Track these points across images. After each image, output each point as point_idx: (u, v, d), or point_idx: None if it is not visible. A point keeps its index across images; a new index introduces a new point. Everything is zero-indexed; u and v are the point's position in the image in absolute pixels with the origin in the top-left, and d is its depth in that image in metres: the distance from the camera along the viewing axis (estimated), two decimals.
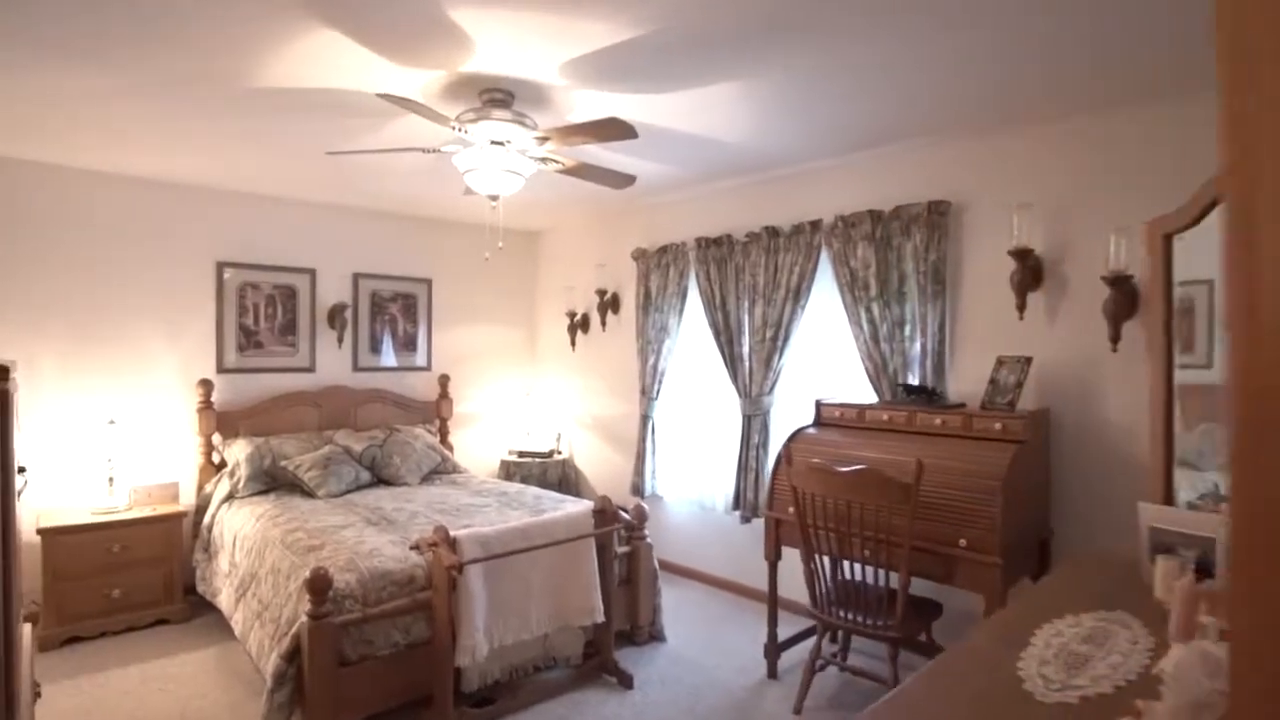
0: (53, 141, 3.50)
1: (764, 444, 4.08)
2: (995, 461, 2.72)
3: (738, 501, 4.18)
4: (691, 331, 4.63)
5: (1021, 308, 3.10)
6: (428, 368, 5.38)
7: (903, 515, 2.61)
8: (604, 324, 5.22)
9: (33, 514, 3.82)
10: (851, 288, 3.64)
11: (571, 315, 5.46)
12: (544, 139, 2.69)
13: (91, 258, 4.04)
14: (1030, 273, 3.08)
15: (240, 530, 3.61)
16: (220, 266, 4.47)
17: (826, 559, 2.90)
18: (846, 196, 3.76)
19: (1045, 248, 3.10)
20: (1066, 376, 3.05)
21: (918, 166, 3.51)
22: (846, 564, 2.88)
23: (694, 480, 4.62)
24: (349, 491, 4.16)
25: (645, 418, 4.77)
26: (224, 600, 3.59)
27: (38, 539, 3.59)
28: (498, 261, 5.76)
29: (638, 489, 4.80)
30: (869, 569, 2.80)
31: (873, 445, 3.15)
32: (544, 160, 2.93)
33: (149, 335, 4.23)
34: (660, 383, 4.72)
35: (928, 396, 3.24)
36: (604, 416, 5.37)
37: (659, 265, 4.72)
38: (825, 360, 3.96)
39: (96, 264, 4.06)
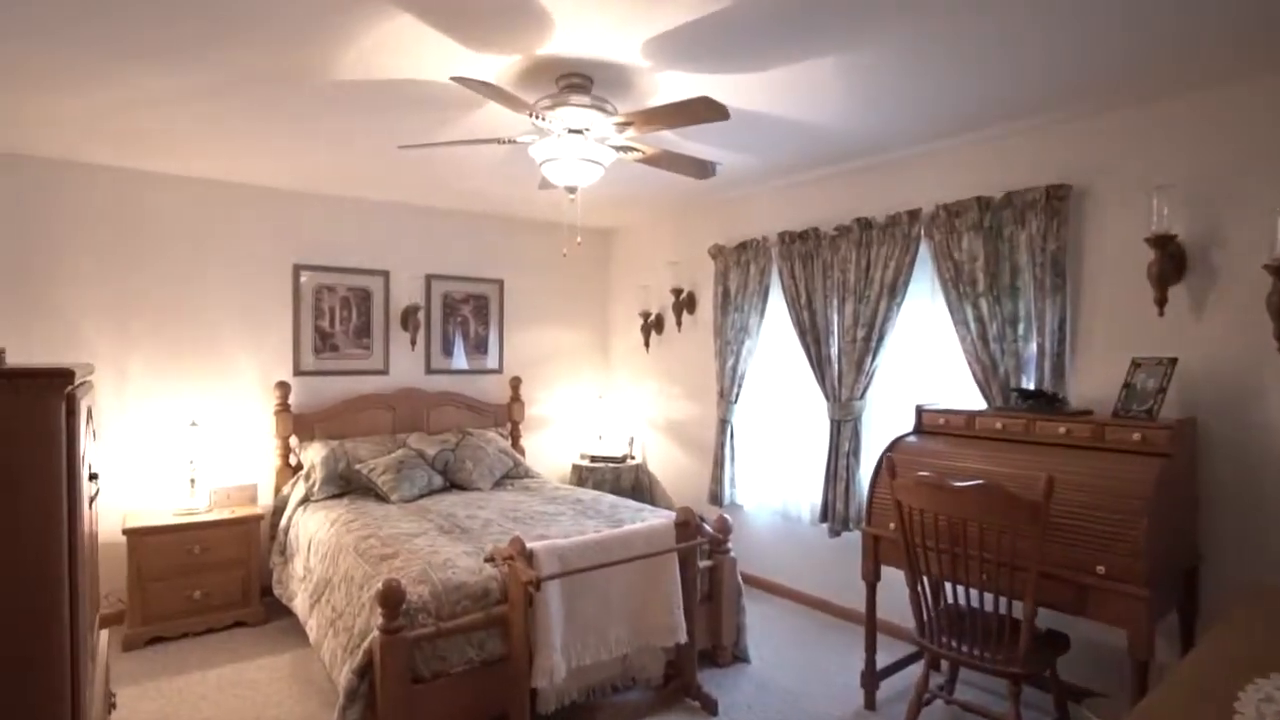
0: (133, 146, 3.53)
1: (855, 452, 3.79)
2: (1138, 478, 2.38)
3: (826, 513, 3.90)
4: (774, 332, 4.37)
5: (1161, 302, 2.73)
6: (499, 370, 5.29)
7: (1029, 537, 2.31)
8: (679, 324, 5.01)
9: (119, 514, 3.88)
10: (955, 283, 3.33)
11: (645, 315, 5.28)
12: (625, 124, 2.51)
13: (175, 263, 4.09)
14: (1171, 262, 2.71)
15: (315, 535, 3.56)
16: (297, 269, 4.47)
17: (935, 582, 2.62)
18: (950, 183, 3.44)
19: (1189, 234, 2.72)
20: (1218, 381, 2.67)
21: (1033, 147, 3.17)
22: (958, 588, 2.59)
23: (776, 489, 4.36)
24: (422, 496, 4.08)
25: (724, 422, 4.53)
26: (299, 605, 3.55)
27: (123, 539, 3.63)
28: (569, 261, 5.63)
29: (716, 497, 4.57)
30: (984, 594, 2.50)
31: (984, 456, 2.84)
32: (624, 149, 2.75)
33: (229, 338, 4.25)
34: (740, 385, 4.48)
35: (1047, 402, 2.90)
36: (679, 420, 5.16)
37: (738, 262, 4.49)
38: (922, 362, 3.64)
39: (180, 269, 4.10)
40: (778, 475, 4.35)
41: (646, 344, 5.32)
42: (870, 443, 3.81)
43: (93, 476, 1.91)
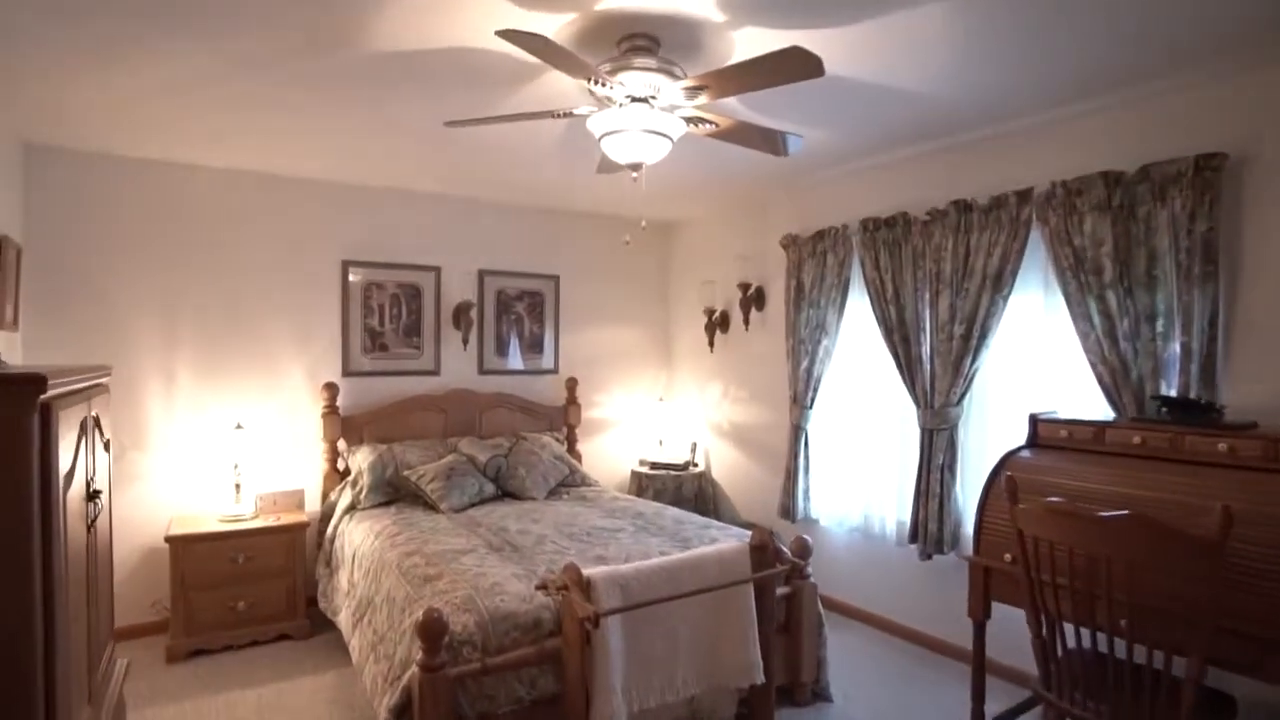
0: (170, 136, 3.36)
1: (950, 465, 3.36)
2: None
3: (915, 533, 3.48)
4: (855, 329, 3.96)
5: None
6: (554, 371, 5.01)
7: (1199, 581, 1.87)
8: (747, 322, 4.64)
9: (165, 519, 3.74)
10: (1075, 272, 2.87)
11: (710, 313, 4.92)
12: (697, 89, 2.16)
13: (219, 259, 3.94)
14: None
15: (359, 547, 3.34)
16: (345, 265, 4.28)
17: (1061, 624, 2.20)
18: (1068, 157, 2.98)
19: None
20: None
21: (1177, 111, 2.70)
22: (1096, 634, 2.16)
23: (857, 504, 3.95)
24: (472, 505, 3.83)
25: (797, 429, 4.14)
26: (343, 621, 3.32)
27: (166, 547, 3.48)
28: (628, 256, 5.32)
29: (788, 511, 4.18)
30: (1129, 644, 2.07)
31: (1119, 477, 2.40)
32: (694, 120, 2.41)
33: (276, 337, 4.08)
34: (816, 389, 4.08)
35: (1198, 412, 2.44)
36: (745, 425, 4.79)
37: (814, 253, 4.09)
38: (1031, 364, 3.19)
39: (224, 266, 3.95)
40: (858, 489, 3.94)
41: (711, 343, 4.96)
42: (969, 455, 3.37)
43: (93, 494, 1.68)
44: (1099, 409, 2.85)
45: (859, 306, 3.91)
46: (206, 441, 3.83)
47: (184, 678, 3.31)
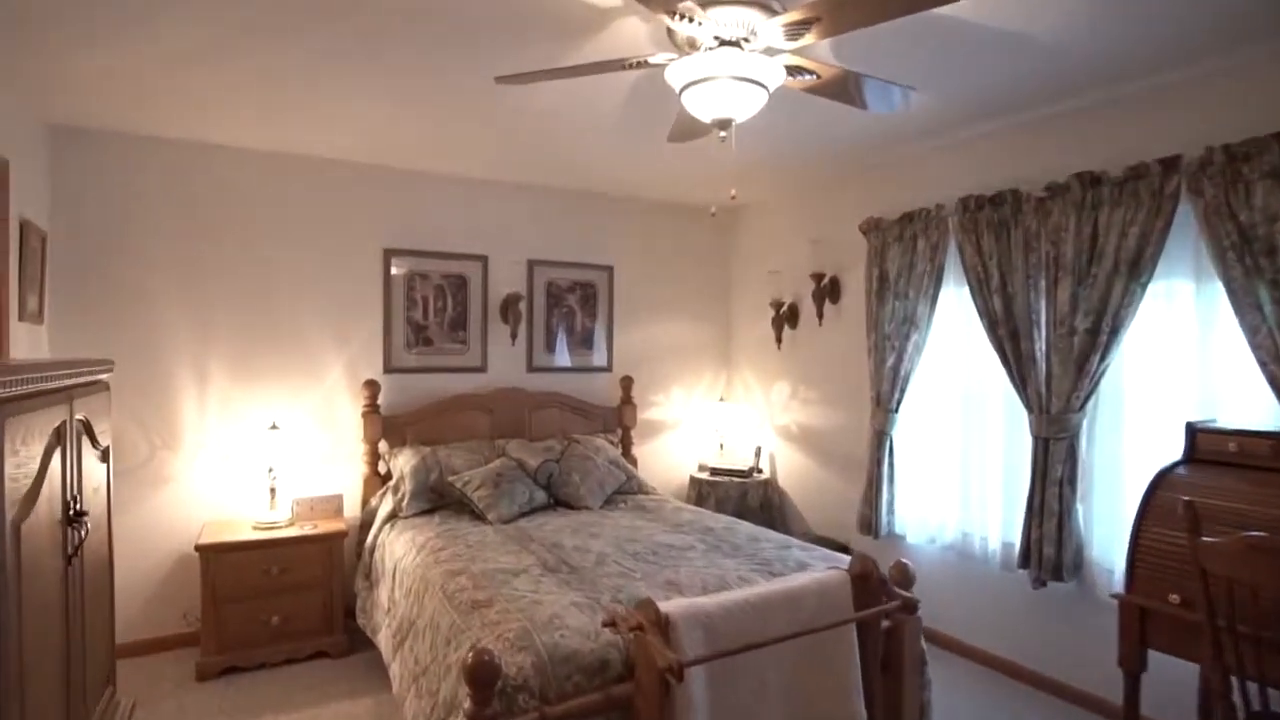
0: (195, 112, 3.09)
1: (1070, 479, 2.90)
2: None
3: (1027, 557, 3.02)
4: (950, 323, 3.52)
5: None
6: (608, 368, 4.66)
7: None
8: (820, 315, 4.22)
9: (196, 526, 3.50)
10: (1241, 253, 2.39)
11: (778, 306, 4.51)
12: (803, 24, 1.77)
13: (252, 247, 3.68)
14: None
15: (400, 561, 3.03)
16: (387, 254, 3.99)
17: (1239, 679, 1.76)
18: (1230, 115, 2.50)
19: None
20: None
21: None
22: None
23: (951, 519, 3.51)
24: (522, 515, 3.49)
25: (881, 434, 3.71)
26: (383, 641, 3.02)
27: (196, 556, 3.23)
28: (688, 246, 4.94)
29: (869, 524, 3.76)
30: None
31: None
32: (793, 71, 2.02)
33: (313, 331, 3.81)
34: (903, 390, 3.64)
35: None
36: (817, 429, 4.37)
37: (901, 238, 3.65)
38: (1175, 363, 2.72)
39: (258, 254, 3.69)
40: (953, 503, 3.49)
41: (778, 339, 4.55)
42: (1095, 469, 2.92)
43: (76, 517, 1.37)
44: (1270, 417, 2.37)
45: (955, 298, 3.47)
46: (240, 442, 3.58)
47: (214, 698, 3.05)
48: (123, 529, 3.41)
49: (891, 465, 3.72)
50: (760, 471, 4.66)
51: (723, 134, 1.99)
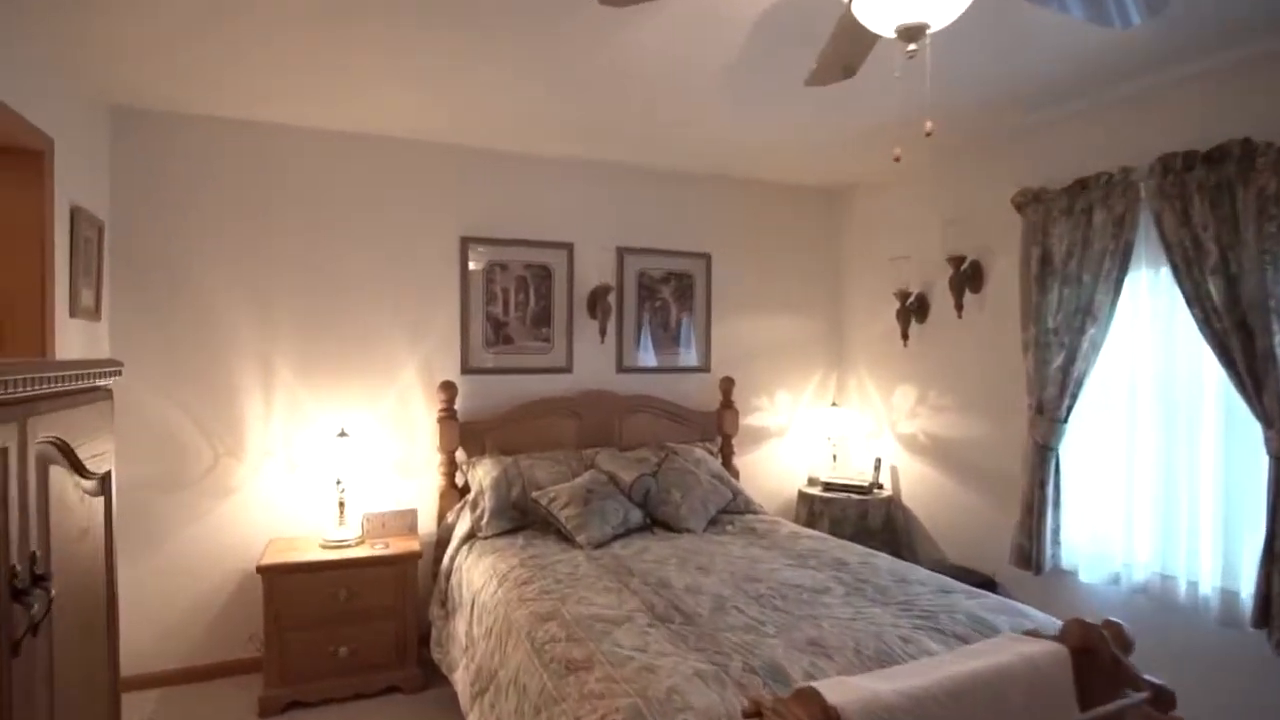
0: (258, 89, 2.76)
1: None
2: None
3: (1266, 612, 2.35)
4: (1139, 314, 2.86)
5: None
6: (705, 368, 4.16)
7: None
8: (959, 306, 3.59)
9: (261, 542, 3.20)
10: None
11: (903, 297, 3.90)
12: None
13: (318, 236, 3.36)
14: None
15: (480, 592, 2.61)
16: (464, 243, 3.60)
17: None
18: None
19: None
20: None
21: None
22: None
23: (1141, 555, 2.84)
24: (616, 537, 3.04)
25: (1044, 449, 3.07)
26: (460, 683, 2.62)
27: (258, 578, 2.91)
28: (792, 230, 4.39)
29: (1028, 557, 3.12)
30: None
31: None
32: None
33: (384, 327, 3.46)
34: (1075, 396, 2.99)
35: None
36: (952, 440, 3.74)
37: (1070, 210, 3.00)
38: None
39: (324, 244, 3.36)
40: (1147, 535, 2.82)
41: (904, 334, 3.93)
42: None
43: (32, 585, 0.96)
44: None
45: (1148, 281, 2.81)
46: (308, 450, 3.26)
47: None
48: (186, 544, 3.16)
49: (1058, 486, 3.07)
50: (881, 487, 4.06)
51: (911, 47, 1.45)
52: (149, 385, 3.10)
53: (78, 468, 1.14)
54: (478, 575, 2.74)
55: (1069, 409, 3.01)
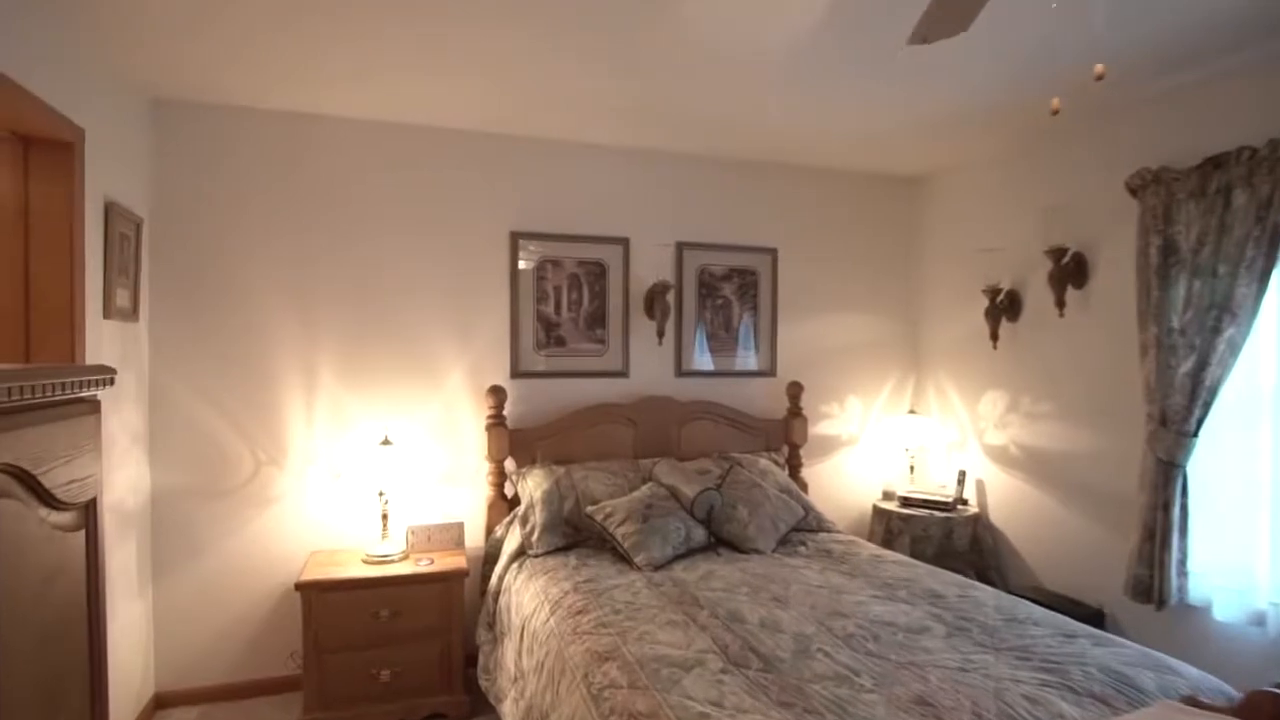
0: (301, 76, 2.58)
1: None
2: None
3: None
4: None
5: None
6: (771, 372, 3.85)
7: None
8: (1061, 304, 3.20)
9: (302, 555, 3.03)
10: None
11: (993, 293, 3.53)
12: None
13: (359, 232, 3.18)
14: None
15: (530, 619, 2.38)
16: (515, 238, 3.38)
17: None
18: None
19: None
20: None
21: None
22: None
23: None
24: (678, 557, 2.77)
25: (1169, 465, 2.68)
26: (508, 716, 2.38)
27: (297, 595, 2.73)
28: (865, 222, 4.05)
29: (1148, 589, 2.73)
30: None
31: None
32: None
33: (430, 328, 3.27)
34: (1207, 405, 2.60)
35: None
36: (1050, 452, 3.35)
37: (1201, 193, 2.61)
38: None
39: (365, 240, 3.19)
40: None
41: (994, 335, 3.56)
42: None
43: None
44: None
45: None
46: (350, 458, 3.08)
47: None
48: (226, 556, 3.01)
49: (1185, 509, 2.68)
50: (965, 503, 3.69)
51: None
52: (190, 389, 2.97)
53: (44, 498, 0.93)
54: (528, 599, 2.50)
55: (1200, 421, 2.62)
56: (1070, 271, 3.18)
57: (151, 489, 2.92)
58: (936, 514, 3.54)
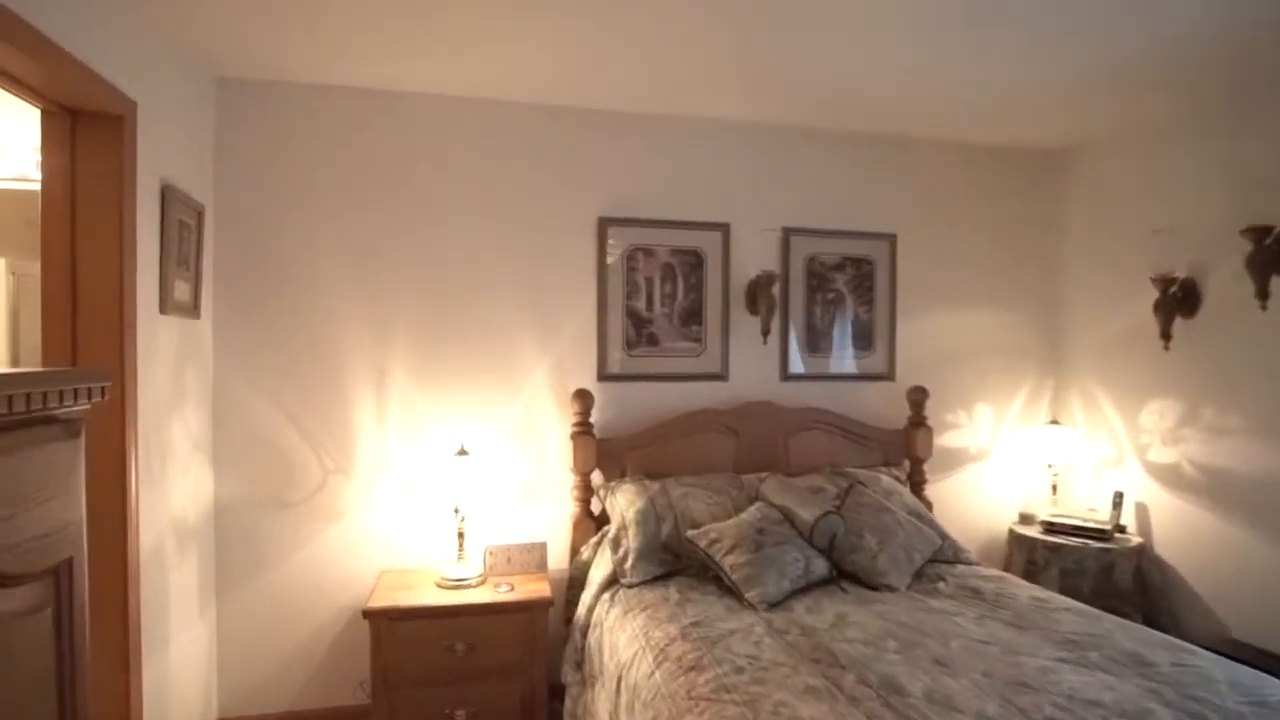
0: (376, 47, 2.28)
1: None
2: None
3: None
4: None
5: None
6: (889, 376, 3.38)
7: None
8: (1263, 294, 2.62)
9: (372, 575, 2.75)
10: None
11: (1165, 284, 2.97)
12: None
13: (429, 218, 2.89)
14: None
15: (629, 667, 2.00)
16: (603, 224, 3.03)
17: None
18: None
19: None
20: None
21: None
22: None
23: None
24: (795, 593, 2.35)
25: None
26: None
27: (365, 623, 2.44)
28: (997, 203, 3.53)
29: None
30: None
31: None
32: None
33: (510, 325, 2.95)
34: None
35: None
36: (1239, 474, 2.78)
37: None
38: None
39: (436, 227, 2.89)
40: None
41: (1165, 334, 2.99)
42: None
43: None
44: None
45: None
46: (422, 469, 2.79)
47: None
48: (291, 574, 2.76)
49: None
50: (1123, 530, 3.14)
51: None
52: (255, 391, 2.73)
53: None
54: (625, 641, 2.13)
55: None
56: (1273, 255, 2.60)
57: (214, 500, 2.69)
58: (1092, 544, 3.01)
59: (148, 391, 2.15)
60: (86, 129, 1.98)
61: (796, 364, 3.25)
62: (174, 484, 2.37)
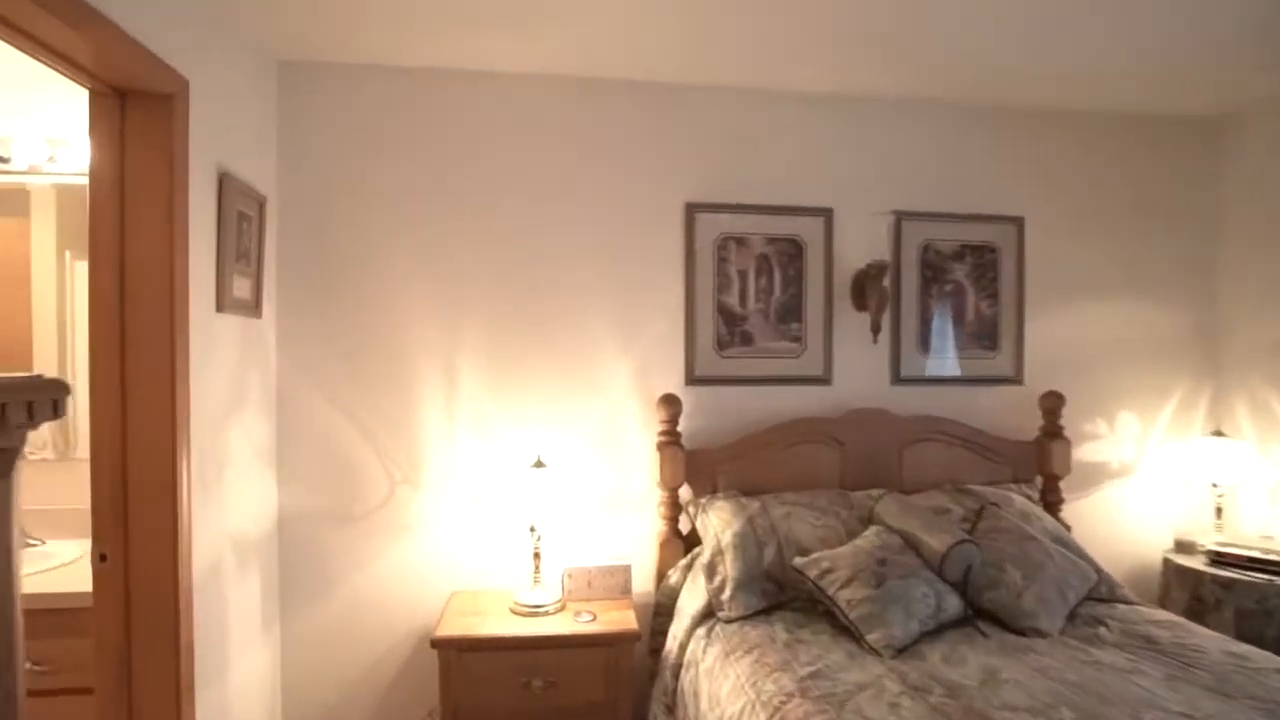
0: (445, 26, 2.06)
1: None
2: None
3: None
4: None
5: None
6: (1017, 379, 2.96)
7: None
8: None
9: (442, 596, 2.53)
10: None
11: None
12: None
13: (511, 207, 2.64)
14: None
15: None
16: (690, 211, 2.73)
17: None
18: None
19: None
20: None
21: None
22: None
23: None
24: (924, 635, 1.99)
25: None
26: None
27: (433, 653, 2.21)
28: (1139, 181, 3.06)
29: None
30: None
31: None
32: None
33: (589, 325, 2.68)
34: None
35: None
36: None
37: None
38: None
39: (523, 214, 2.64)
40: None
41: None
42: None
43: None
44: None
45: None
46: (495, 481, 2.55)
47: None
48: (356, 592, 2.56)
49: None
50: None
51: None
52: (321, 396, 2.55)
53: None
54: (728, 691, 1.82)
55: None
56: None
57: (278, 512, 2.52)
58: (1277, 580, 2.52)
59: (203, 396, 1.97)
60: (135, 110, 1.80)
61: (910, 365, 2.87)
62: (233, 495, 2.19)
